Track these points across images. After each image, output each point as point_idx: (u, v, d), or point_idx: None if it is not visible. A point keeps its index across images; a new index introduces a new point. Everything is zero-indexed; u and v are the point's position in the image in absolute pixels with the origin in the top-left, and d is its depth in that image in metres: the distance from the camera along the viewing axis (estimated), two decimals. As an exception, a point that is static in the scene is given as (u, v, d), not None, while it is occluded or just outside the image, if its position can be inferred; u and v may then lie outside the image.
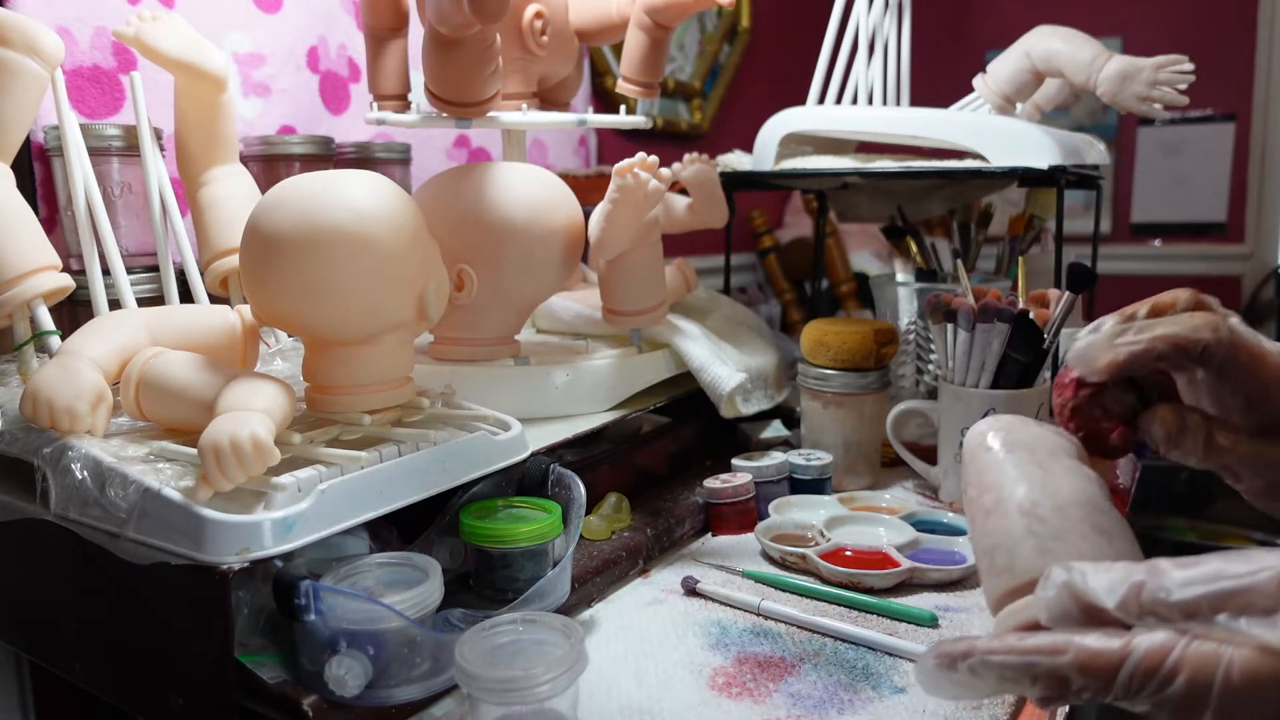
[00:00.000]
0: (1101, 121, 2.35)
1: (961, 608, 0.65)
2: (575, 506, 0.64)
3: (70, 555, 0.56)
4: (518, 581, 0.62)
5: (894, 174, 1.02)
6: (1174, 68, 0.96)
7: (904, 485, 0.91)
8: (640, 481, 0.84)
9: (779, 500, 0.81)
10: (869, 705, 0.54)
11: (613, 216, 0.75)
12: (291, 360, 0.74)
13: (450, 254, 0.67)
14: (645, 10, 0.82)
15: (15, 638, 0.66)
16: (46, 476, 0.55)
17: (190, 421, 0.56)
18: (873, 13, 1.11)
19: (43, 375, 0.56)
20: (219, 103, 0.74)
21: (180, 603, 0.52)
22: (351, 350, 0.59)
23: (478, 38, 0.71)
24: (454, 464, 0.60)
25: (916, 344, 1.03)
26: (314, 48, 1.00)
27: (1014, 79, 1.05)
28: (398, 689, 0.52)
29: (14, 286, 0.61)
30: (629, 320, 0.82)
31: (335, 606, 0.50)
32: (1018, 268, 0.90)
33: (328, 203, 0.55)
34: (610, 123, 0.89)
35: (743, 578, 0.71)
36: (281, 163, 0.88)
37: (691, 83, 1.81)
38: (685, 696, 0.55)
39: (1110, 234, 2.36)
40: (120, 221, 0.77)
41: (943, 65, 1.78)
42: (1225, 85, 2.21)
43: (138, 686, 0.56)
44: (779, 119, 1.11)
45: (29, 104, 0.64)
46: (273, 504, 0.51)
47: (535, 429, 0.72)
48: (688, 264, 1.00)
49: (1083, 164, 0.99)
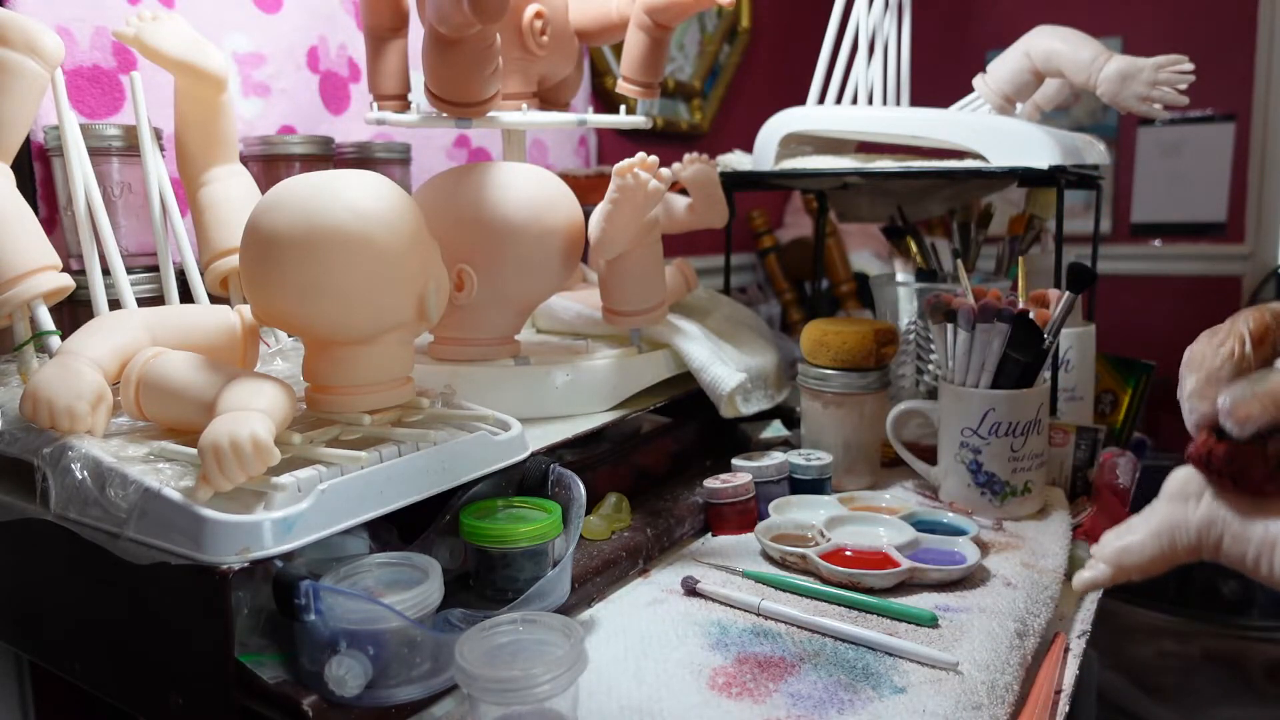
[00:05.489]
0: (1101, 121, 2.35)
1: (961, 608, 0.65)
2: (575, 506, 0.64)
3: (70, 555, 0.56)
4: (518, 581, 0.62)
5: (894, 174, 1.02)
6: (1174, 68, 0.96)
7: (904, 485, 0.91)
8: (640, 481, 0.84)
9: (779, 500, 0.81)
10: (869, 705, 0.54)
11: (613, 216, 0.75)
12: (291, 360, 0.74)
13: (450, 254, 0.67)
14: (645, 10, 0.82)
15: (15, 638, 0.66)
16: (46, 476, 0.55)
17: (190, 421, 0.56)
18: (873, 13, 1.11)
19: (43, 375, 0.56)
20: (219, 103, 0.74)
21: (180, 603, 0.52)
22: (351, 350, 0.59)
23: (478, 38, 0.71)
24: (454, 464, 0.60)
25: (916, 344, 1.03)
26: (314, 48, 1.00)
27: (1014, 79, 1.05)
28: (398, 689, 0.52)
29: (14, 286, 0.61)
30: (629, 320, 0.82)
31: (335, 606, 0.50)
32: (1018, 268, 0.90)
33: (327, 203, 0.55)
34: (610, 123, 0.89)
35: (743, 578, 0.71)
36: (281, 163, 0.88)
37: (691, 83, 1.81)
38: (685, 696, 0.54)
39: (1110, 234, 2.36)
40: (120, 221, 0.77)
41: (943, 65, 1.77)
42: (1225, 85, 2.21)
43: (138, 686, 0.56)
44: (779, 119, 1.11)
45: (29, 104, 0.64)
46: (273, 504, 0.51)
47: (535, 429, 0.72)
48: (688, 264, 1.00)
49: (1083, 164, 0.99)
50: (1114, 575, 0.54)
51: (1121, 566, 0.53)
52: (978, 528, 0.77)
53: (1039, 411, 0.82)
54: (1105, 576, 0.54)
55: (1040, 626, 0.65)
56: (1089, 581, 0.55)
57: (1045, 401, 0.83)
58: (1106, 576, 0.54)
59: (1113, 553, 0.54)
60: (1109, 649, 1.53)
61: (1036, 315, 0.81)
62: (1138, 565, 0.53)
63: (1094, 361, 1.05)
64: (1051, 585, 0.70)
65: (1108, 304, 1.28)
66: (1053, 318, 0.82)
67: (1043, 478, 0.84)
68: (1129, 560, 0.53)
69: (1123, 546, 0.53)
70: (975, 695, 0.55)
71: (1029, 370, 0.81)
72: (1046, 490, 0.87)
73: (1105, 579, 0.54)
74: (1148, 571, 0.53)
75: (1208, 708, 1.48)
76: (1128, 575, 0.54)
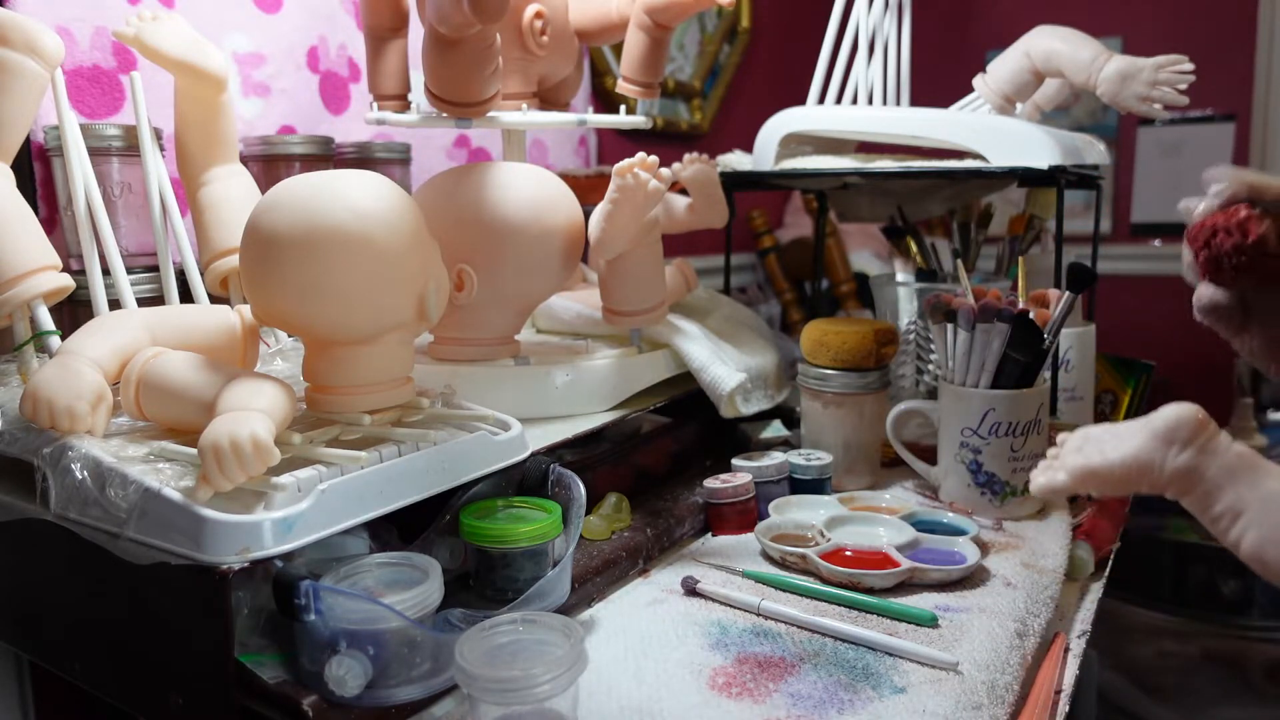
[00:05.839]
0: (1101, 121, 2.35)
1: (961, 608, 0.65)
2: (575, 506, 0.64)
3: (70, 555, 0.56)
4: (518, 581, 0.62)
5: (894, 174, 1.02)
6: (1174, 68, 0.96)
7: (904, 485, 0.91)
8: (640, 481, 0.84)
9: (779, 500, 0.81)
10: (869, 705, 0.54)
11: (613, 216, 0.75)
12: (291, 360, 0.74)
13: (450, 254, 0.67)
14: (645, 10, 0.82)
15: (15, 638, 0.66)
16: (46, 476, 0.55)
17: (190, 421, 0.56)
18: (873, 13, 1.11)
19: (43, 375, 0.56)
20: (219, 103, 0.74)
21: (180, 603, 0.52)
22: (351, 350, 0.59)
23: (478, 38, 0.71)
24: (454, 464, 0.60)
25: (916, 344, 1.03)
26: (314, 48, 1.00)
27: (1014, 79, 1.05)
28: (398, 689, 0.52)
29: (14, 286, 0.61)
30: (629, 320, 0.82)
31: (335, 606, 0.50)
32: (1018, 268, 0.90)
33: (327, 203, 0.55)
34: (610, 123, 0.89)
35: (743, 578, 0.71)
36: (281, 163, 0.88)
37: (691, 83, 1.81)
38: (685, 696, 0.54)
39: (1110, 234, 2.36)
40: (120, 221, 0.77)
41: (943, 65, 1.77)
42: (1225, 85, 2.21)
43: (138, 686, 0.56)
44: (779, 119, 1.11)
45: (29, 104, 0.64)
46: (273, 504, 0.51)
47: (535, 429, 0.72)
48: (688, 264, 1.00)
49: (1083, 164, 0.99)
50: (1072, 488, 0.56)
51: (1083, 483, 0.56)
52: (978, 528, 0.77)
53: (1039, 411, 0.82)
54: (1063, 486, 0.56)
55: (1040, 626, 0.65)
56: (1045, 486, 0.57)
57: (1045, 401, 0.83)
58: (1064, 486, 0.56)
59: (1079, 470, 0.55)
60: (1109, 649, 1.53)
61: (1036, 315, 0.81)
62: (1098, 488, 0.55)
63: (1094, 361, 1.05)
64: (1051, 585, 0.70)
65: (1108, 304, 1.28)
66: (1053, 318, 0.82)
67: (1043, 478, 0.84)
68: (1092, 483, 0.55)
69: (1091, 469, 0.55)
70: (975, 695, 0.55)
71: (1029, 370, 0.81)
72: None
73: (1062, 488, 0.56)
74: (1104, 494, 0.57)
75: (1208, 708, 1.48)
76: (1085, 491, 0.56)
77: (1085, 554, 0.77)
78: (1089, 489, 0.56)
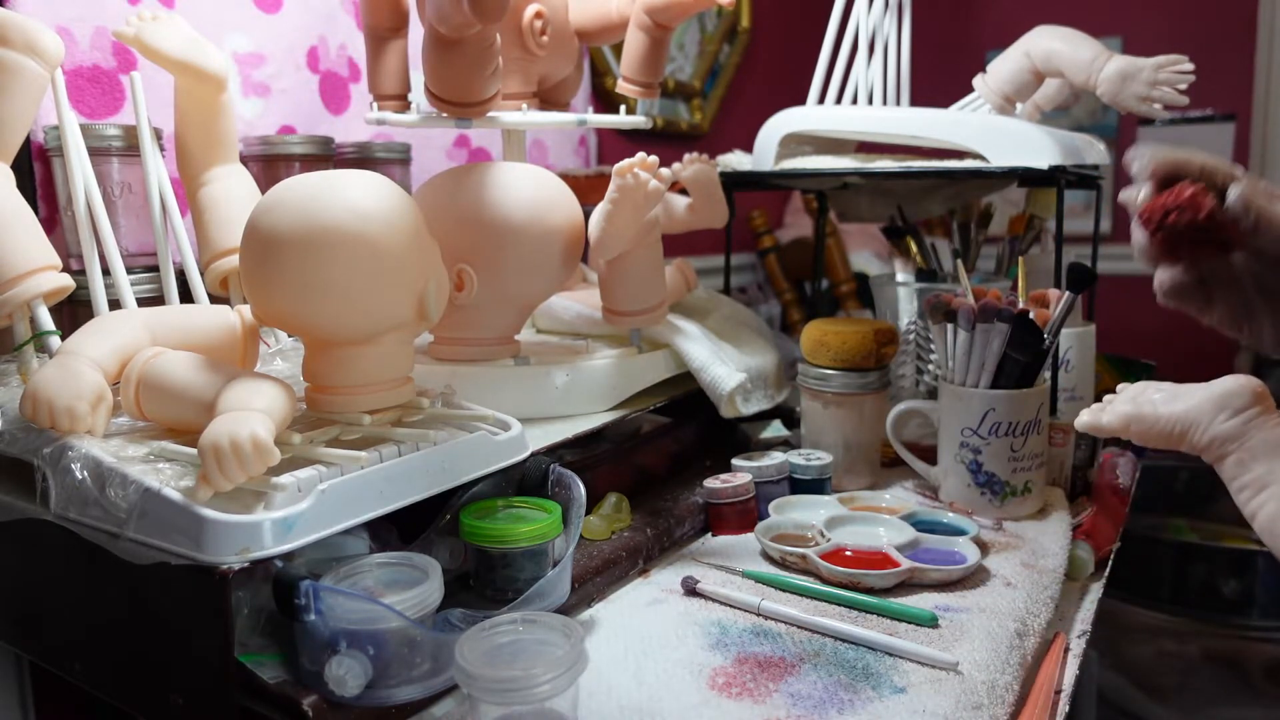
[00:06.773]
0: (1101, 121, 2.35)
1: (961, 608, 0.65)
2: (575, 506, 0.64)
3: (70, 555, 0.56)
4: (518, 581, 0.62)
5: (894, 174, 1.02)
6: (1174, 68, 0.96)
7: (904, 485, 0.91)
8: (640, 481, 0.84)
9: (779, 500, 0.81)
10: (869, 705, 0.54)
11: (613, 216, 0.75)
12: (291, 360, 0.74)
13: (450, 254, 0.67)
14: (645, 10, 0.82)
15: (15, 638, 0.66)
16: (46, 476, 0.55)
17: (190, 421, 0.56)
18: (873, 13, 1.11)
19: (43, 375, 0.56)
20: (219, 103, 0.74)
21: (180, 603, 0.52)
22: (351, 350, 0.59)
23: (478, 38, 0.71)
24: (454, 464, 0.60)
25: (916, 344, 1.03)
26: (314, 48, 1.00)
27: (1014, 79, 1.05)
28: (398, 689, 0.52)
29: (14, 286, 0.61)
30: (629, 320, 0.82)
31: (335, 606, 0.50)
32: (1018, 268, 0.90)
33: (327, 203, 0.55)
34: (610, 123, 0.89)
35: (743, 578, 0.71)
36: (281, 163, 0.88)
37: (691, 83, 1.81)
38: (685, 697, 0.54)
39: (1110, 234, 2.36)
40: (120, 221, 0.77)
41: (943, 65, 1.77)
42: (1225, 85, 2.21)
43: (138, 686, 0.56)
44: (779, 119, 1.11)
45: (29, 104, 0.64)
46: (273, 504, 0.51)
47: (535, 429, 0.72)
48: (688, 264, 1.00)
49: (1083, 164, 0.99)
50: (1114, 431, 0.57)
51: (1125, 428, 0.57)
52: (978, 528, 0.77)
53: (1039, 411, 0.82)
54: (1106, 426, 0.58)
55: (1040, 626, 0.65)
56: (1090, 424, 0.59)
57: (1045, 401, 0.83)
58: (1107, 427, 0.57)
59: (1126, 415, 0.57)
60: (1109, 649, 1.53)
61: (1036, 315, 0.81)
62: (1139, 436, 0.57)
63: (1094, 361, 1.05)
64: (1051, 585, 0.70)
65: (1108, 304, 1.28)
66: (1053, 318, 0.82)
67: (1043, 478, 0.84)
68: (1136, 430, 0.56)
69: (1138, 416, 0.56)
70: (975, 695, 0.55)
71: (1029, 370, 0.81)
72: (1046, 490, 0.87)
73: (1105, 429, 0.58)
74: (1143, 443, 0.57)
75: (1208, 708, 1.48)
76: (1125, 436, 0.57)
77: (1085, 554, 0.77)
78: (1130, 436, 0.57)
